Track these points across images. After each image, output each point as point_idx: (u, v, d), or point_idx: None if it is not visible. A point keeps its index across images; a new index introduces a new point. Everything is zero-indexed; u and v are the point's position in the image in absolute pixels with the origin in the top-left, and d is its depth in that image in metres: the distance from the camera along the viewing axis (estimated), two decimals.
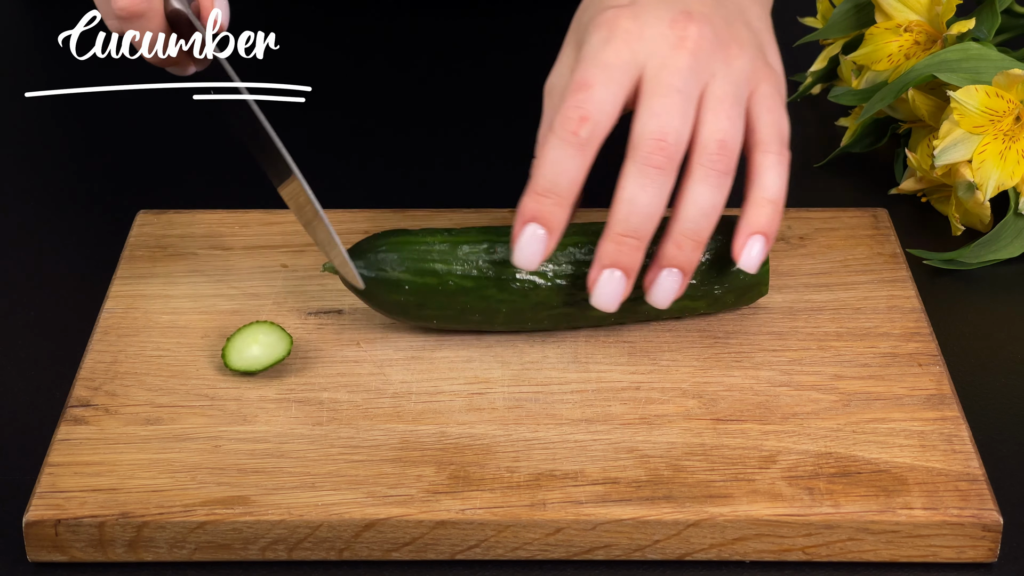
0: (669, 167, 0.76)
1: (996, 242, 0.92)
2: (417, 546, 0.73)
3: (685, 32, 0.78)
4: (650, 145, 0.76)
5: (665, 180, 0.76)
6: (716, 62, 0.78)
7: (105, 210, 0.97)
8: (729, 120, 0.77)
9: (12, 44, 1.17)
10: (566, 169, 0.76)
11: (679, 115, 0.76)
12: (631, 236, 0.76)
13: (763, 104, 0.79)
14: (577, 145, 0.76)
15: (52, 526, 0.72)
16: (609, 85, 0.76)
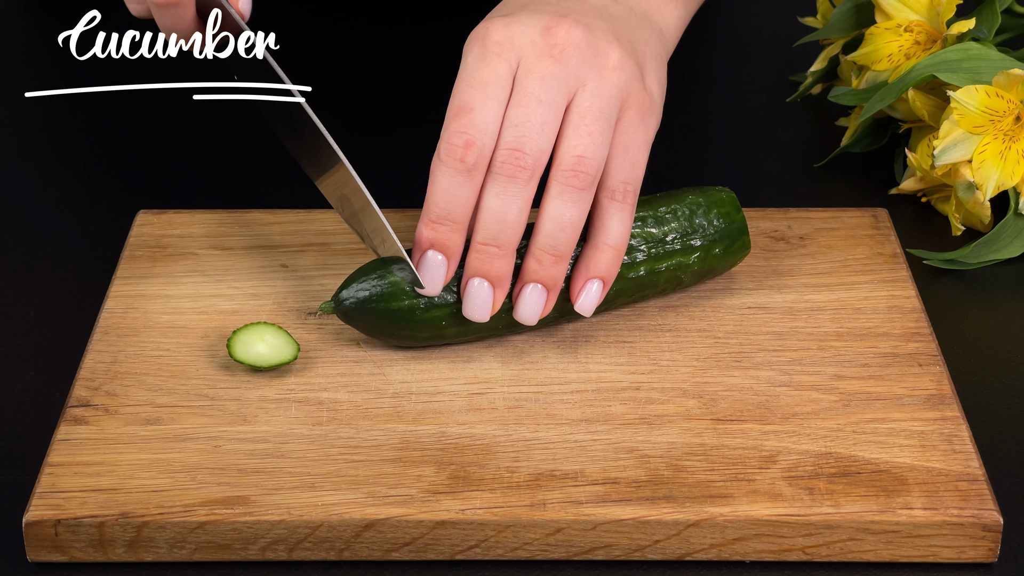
0: (524, 177, 0.76)
1: (996, 242, 0.92)
2: (417, 546, 0.73)
3: (555, 38, 0.78)
4: (506, 155, 0.77)
5: (520, 190, 0.77)
6: (588, 70, 0.78)
7: (105, 210, 0.97)
8: (590, 136, 0.77)
9: (12, 44, 1.17)
10: (457, 196, 0.77)
11: (537, 126, 0.77)
12: (492, 245, 0.77)
13: (622, 140, 0.79)
14: (465, 172, 0.77)
15: (52, 526, 0.72)
16: (488, 104, 0.77)
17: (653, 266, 0.82)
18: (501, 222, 0.77)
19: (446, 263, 0.78)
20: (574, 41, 0.78)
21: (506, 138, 0.77)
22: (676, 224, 0.83)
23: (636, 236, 0.82)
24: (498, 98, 0.78)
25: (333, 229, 0.91)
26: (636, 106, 0.80)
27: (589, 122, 0.78)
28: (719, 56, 1.16)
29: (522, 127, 0.77)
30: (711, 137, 1.06)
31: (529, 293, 0.79)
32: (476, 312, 0.79)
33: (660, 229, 0.83)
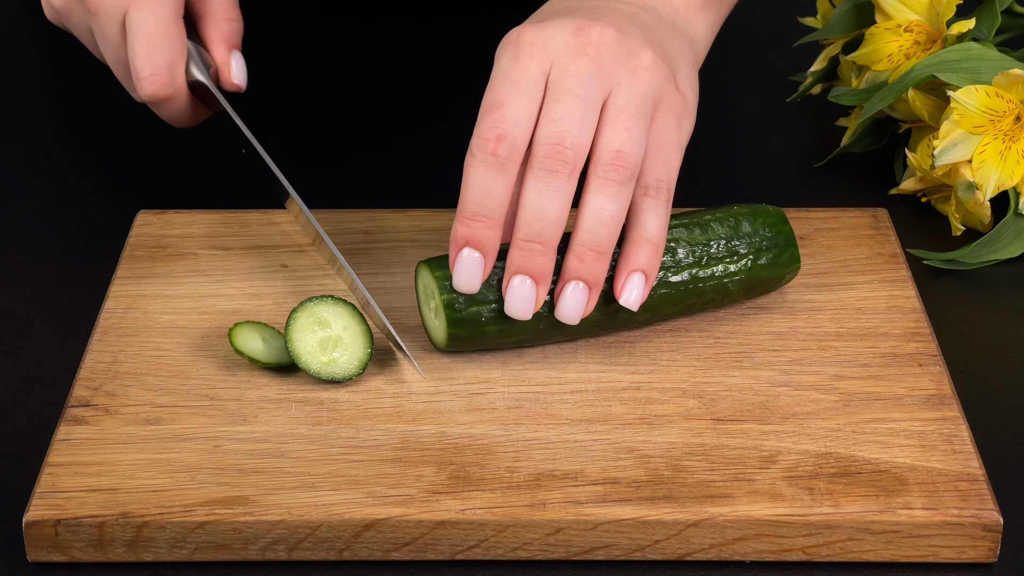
0: (566, 171, 0.76)
1: (996, 242, 0.92)
2: (417, 546, 0.73)
3: (588, 38, 0.78)
4: (547, 150, 0.76)
5: (563, 184, 0.76)
6: (621, 69, 0.78)
7: (105, 210, 0.97)
8: (627, 132, 0.77)
9: (12, 44, 1.17)
10: (491, 190, 0.77)
11: (577, 120, 0.77)
12: (534, 241, 0.77)
13: (656, 139, 0.79)
14: (497, 166, 0.77)
15: (52, 526, 0.72)
16: (519, 100, 0.77)
17: (698, 271, 0.82)
18: (544, 218, 0.76)
19: (483, 261, 0.78)
20: (607, 41, 0.78)
21: (545, 133, 0.77)
22: (722, 230, 0.83)
23: (681, 241, 0.82)
24: (530, 95, 0.77)
25: (333, 229, 0.91)
26: (669, 107, 0.80)
27: (626, 118, 0.78)
28: (719, 56, 1.16)
29: (561, 121, 0.77)
30: (711, 137, 1.06)
31: (571, 291, 0.78)
32: (519, 309, 0.78)
33: (705, 235, 0.82)
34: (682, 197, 0.98)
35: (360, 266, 0.88)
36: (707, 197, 0.98)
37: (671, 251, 0.81)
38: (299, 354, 0.79)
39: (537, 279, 0.78)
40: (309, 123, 1.06)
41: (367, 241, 0.90)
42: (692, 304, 0.82)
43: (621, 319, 0.81)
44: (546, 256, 0.77)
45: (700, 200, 0.97)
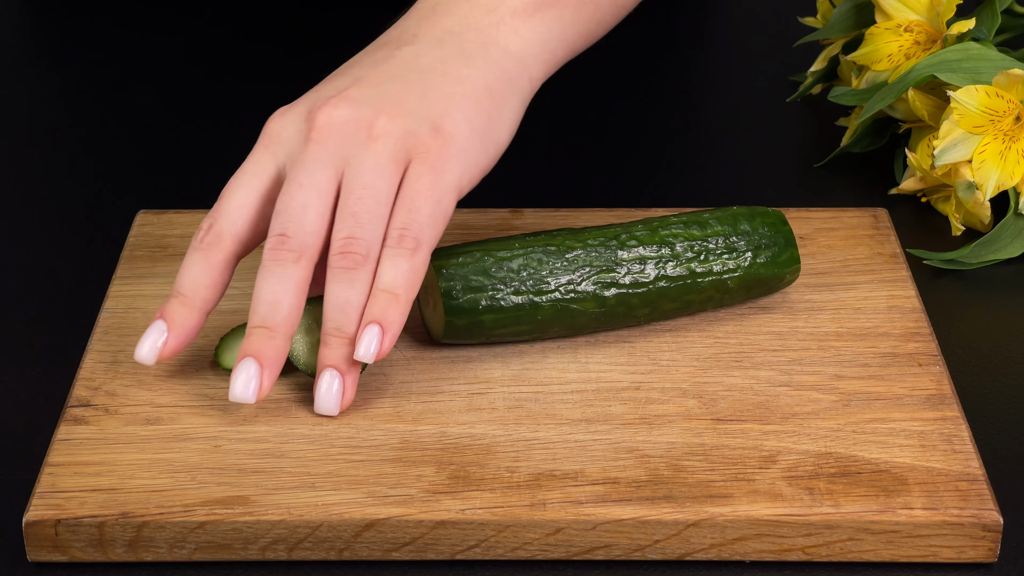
0: (291, 259, 0.77)
1: (996, 242, 0.92)
2: (417, 546, 0.73)
3: (313, 122, 0.79)
4: (272, 242, 0.77)
5: (291, 272, 0.77)
6: (350, 147, 0.78)
7: (105, 210, 0.97)
8: (354, 216, 0.77)
9: (12, 44, 1.17)
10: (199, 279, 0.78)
11: (298, 209, 0.77)
12: (264, 327, 0.76)
13: (404, 191, 0.78)
14: (203, 250, 0.78)
15: (52, 526, 0.72)
16: (238, 192, 0.79)
17: (696, 267, 0.82)
18: (272, 304, 0.76)
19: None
20: (332, 121, 0.79)
21: (273, 225, 0.77)
22: (720, 228, 0.83)
23: (679, 236, 0.82)
24: (250, 185, 0.79)
25: None
26: (421, 156, 0.79)
27: (352, 202, 0.78)
28: (719, 56, 1.16)
29: (285, 213, 0.77)
30: (711, 137, 1.06)
31: (326, 378, 0.77)
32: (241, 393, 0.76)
33: (703, 231, 0.82)
34: (682, 197, 0.98)
35: None
36: (707, 197, 0.98)
37: (670, 245, 0.82)
38: (299, 356, 0.79)
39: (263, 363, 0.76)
40: None
41: None
42: (691, 301, 0.83)
43: (620, 315, 0.81)
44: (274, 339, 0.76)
45: (700, 200, 0.97)
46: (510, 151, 1.05)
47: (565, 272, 0.80)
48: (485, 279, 0.80)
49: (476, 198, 0.97)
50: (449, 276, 0.79)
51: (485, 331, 0.80)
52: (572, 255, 0.81)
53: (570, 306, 0.80)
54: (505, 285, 0.80)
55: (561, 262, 0.80)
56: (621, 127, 1.07)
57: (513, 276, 0.80)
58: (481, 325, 0.80)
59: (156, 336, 0.77)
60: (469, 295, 0.79)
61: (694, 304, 0.83)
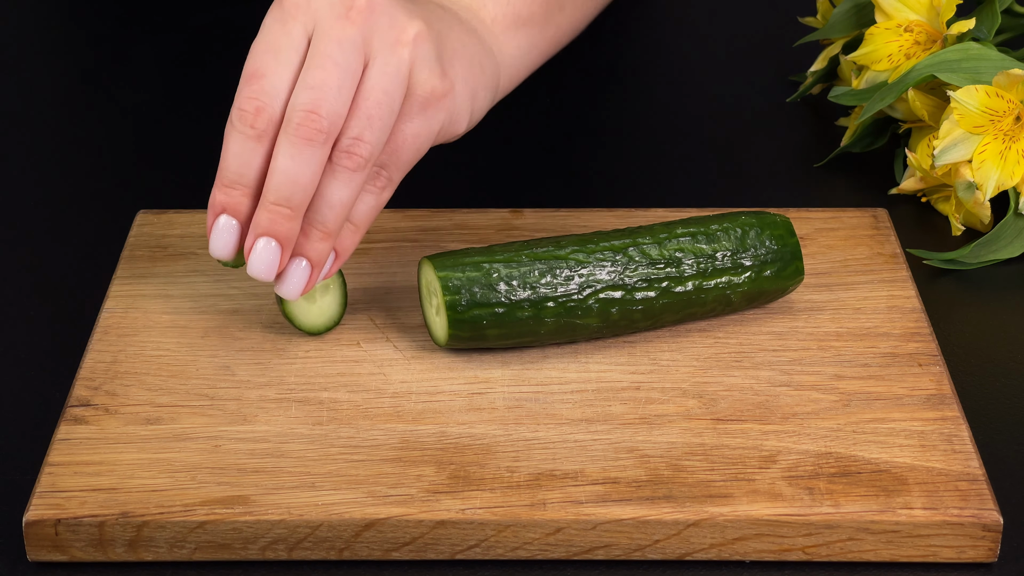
0: (320, 140, 0.75)
1: (996, 242, 0.92)
2: (417, 546, 0.73)
3: (353, 2, 0.77)
4: (301, 117, 0.75)
5: (315, 152, 0.75)
6: (379, 41, 0.77)
7: (105, 210, 0.97)
8: (368, 120, 0.76)
9: (13, 44, 1.17)
10: (249, 161, 0.77)
11: (334, 90, 0.76)
12: (282, 205, 0.76)
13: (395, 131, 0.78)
14: (255, 137, 0.76)
15: (52, 526, 0.72)
16: (279, 70, 0.76)
17: (701, 282, 0.82)
18: (294, 184, 0.76)
19: (238, 227, 0.78)
20: (372, 6, 0.77)
21: (302, 100, 0.76)
22: (727, 243, 0.82)
23: (685, 251, 0.82)
24: (290, 63, 0.77)
25: None
26: (420, 93, 0.79)
27: (371, 104, 0.77)
28: (719, 56, 1.16)
29: (318, 90, 0.76)
30: (712, 137, 1.06)
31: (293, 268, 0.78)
32: (262, 271, 0.77)
33: (711, 246, 0.82)
34: (683, 198, 0.98)
35: (360, 266, 0.88)
36: (707, 197, 0.98)
37: (676, 263, 0.81)
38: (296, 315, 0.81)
39: (283, 243, 0.77)
40: None
41: (367, 241, 0.90)
42: (693, 312, 0.82)
43: (621, 326, 0.81)
44: (293, 221, 0.76)
45: (700, 200, 0.97)
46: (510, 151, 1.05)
47: (571, 289, 0.80)
48: (490, 293, 0.79)
49: (476, 198, 0.97)
50: (454, 289, 0.79)
51: (488, 341, 0.80)
52: (579, 270, 0.80)
53: (574, 321, 0.80)
54: (510, 300, 0.79)
55: (567, 277, 0.80)
56: (621, 127, 1.07)
57: (519, 290, 0.80)
58: (484, 338, 0.80)
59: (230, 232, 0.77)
60: (474, 310, 0.79)
61: (696, 315, 0.83)
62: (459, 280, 0.79)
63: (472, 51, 0.83)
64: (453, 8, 0.85)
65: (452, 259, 0.80)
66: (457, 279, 0.79)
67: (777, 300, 0.85)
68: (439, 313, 0.80)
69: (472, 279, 0.79)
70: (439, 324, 0.80)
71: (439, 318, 0.80)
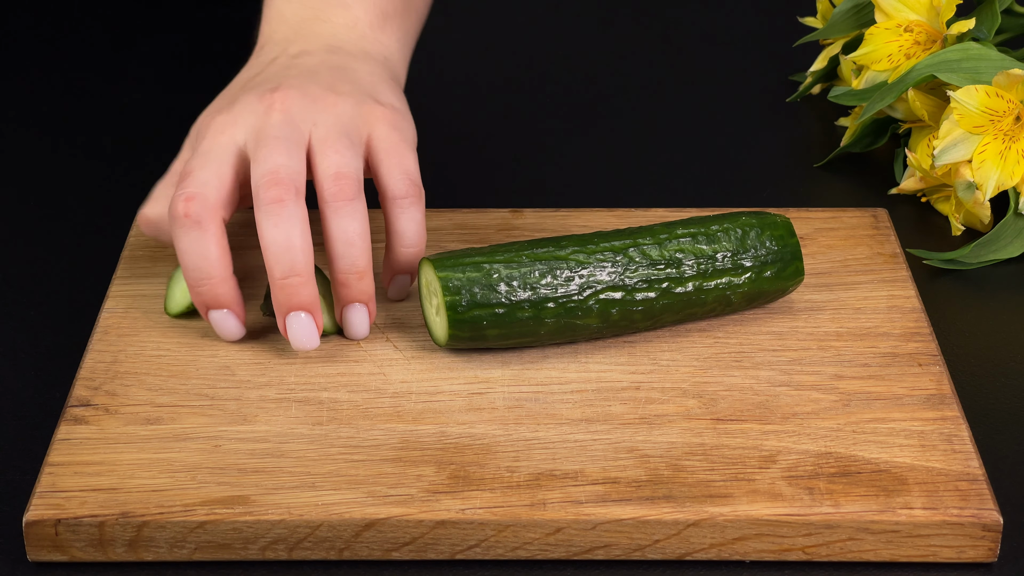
0: (289, 197, 0.77)
1: (996, 242, 0.92)
2: (417, 546, 0.73)
3: (272, 100, 0.81)
4: (263, 184, 0.77)
5: (292, 210, 0.77)
6: (314, 112, 0.81)
7: (105, 210, 0.97)
8: (338, 154, 0.79)
9: (13, 43, 1.17)
10: (204, 252, 0.78)
11: (284, 153, 0.78)
12: (292, 275, 0.78)
13: (381, 148, 0.81)
14: (194, 225, 0.78)
15: (52, 526, 0.72)
16: (209, 165, 0.79)
17: (701, 283, 0.82)
18: (291, 249, 0.77)
19: (230, 313, 0.80)
20: (291, 96, 0.81)
21: (260, 173, 0.78)
22: (728, 243, 0.82)
23: (686, 251, 0.82)
24: (219, 159, 0.79)
25: None
26: (380, 119, 0.82)
27: (332, 143, 0.80)
28: (719, 56, 1.16)
29: (268, 160, 0.78)
30: (712, 137, 1.06)
31: (352, 314, 0.81)
32: (306, 342, 0.79)
33: (711, 247, 0.82)
34: (683, 198, 0.98)
35: None
36: (708, 197, 0.98)
37: (676, 264, 0.81)
38: None
39: (310, 309, 0.79)
40: None
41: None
42: (693, 313, 0.82)
43: (621, 326, 0.81)
44: (308, 285, 0.78)
45: (701, 200, 0.97)
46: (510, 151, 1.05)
47: (571, 290, 0.80)
48: (491, 293, 0.79)
49: (476, 198, 0.97)
50: (455, 289, 0.79)
51: (488, 341, 0.80)
52: (579, 271, 0.80)
53: (574, 322, 0.80)
54: (511, 300, 0.79)
55: (567, 278, 0.80)
56: (621, 127, 1.07)
57: (519, 291, 0.80)
58: (484, 338, 0.80)
59: (227, 321, 0.80)
60: (474, 310, 0.79)
61: (696, 315, 0.83)
62: (459, 280, 0.79)
63: (379, 72, 0.87)
64: (342, 46, 0.88)
65: (452, 259, 0.80)
66: (457, 279, 0.79)
67: (777, 300, 0.85)
68: (439, 313, 0.80)
69: (472, 279, 0.79)
70: (439, 324, 0.80)
71: (439, 318, 0.80)
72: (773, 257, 0.83)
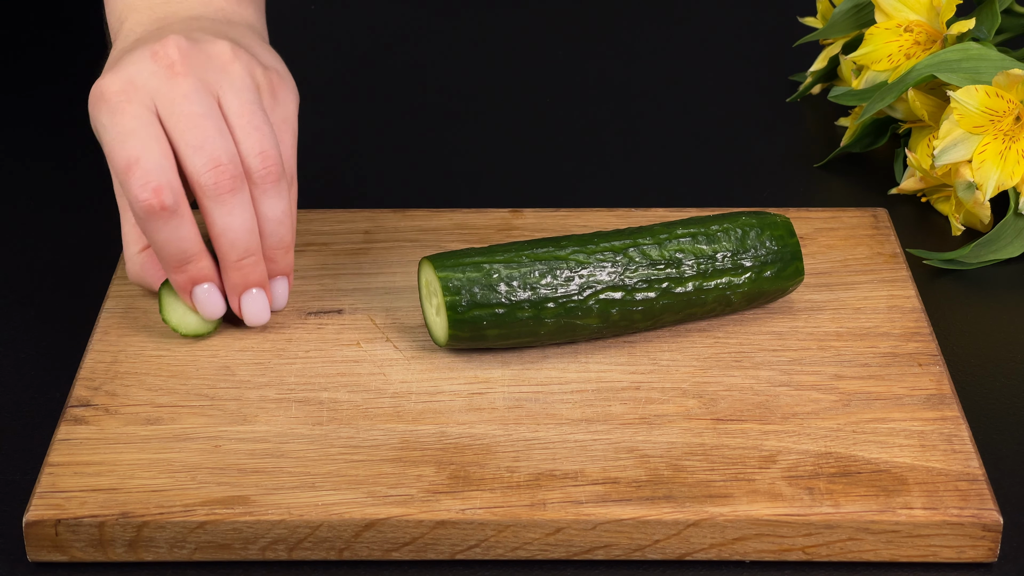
0: (238, 185, 0.78)
1: (996, 242, 0.92)
2: (417, 546, 0.73)
3: (169, 58, 0.79)
4: (212, 177, 0.77)
5: (242, 197, 0.78)
6: (214, 73, 0.79)
7: (106, 210, 0.97)
8: (258, 131, 0.79)
9: (13, 43, 1.17)
10: (180, 237, 0.78)
11: (217, 137, 0.78)
12: (246, 256, 0.79)
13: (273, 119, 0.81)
14: (171, 215, 0.77)
15: (52, 526, 0.72)
16: (149, 146, 0.77)
17: (701, 283, 0.81)
18: (242, 233, 0.78)
19: (214, 287, 0.80)
20: (185, 52, 0.79)
21: (199, 162, 0.77)
22: (728, 243, 0.82)
23: (686, 251, 0.81)
24: (154, 137, 0.78)
25: (333, 229, 0.91)
26: (267, 87, 0.81)
27: (248, 118, 0.79)
28: (719, 56, 1.16)
29: (207, 145, 0.78)
30: (712, 137, 1.06)
31: (276, 286, 0.82)
32: (260, 316, 0.81)
33: (711, 247, 0.82)
34: (683, 198, 0.98)
35: (360, 266, 0.88)
36: (708, 197, 0.98)
37: (676, 264, 0.81)
38: None
39: (262, 285, 0.81)
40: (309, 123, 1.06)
41: (367, 241, 0.90)
42: (693, 313, 0.82)
43: (621, 326, 0.81)
44: (260, 263, 0.80)
45: (700, 200, 0.97)
46: (510, 151, 1.05)
47: (571, 290, 0.80)
48: (491, 293, 0.79)
49: (476, 198, 0.97)
50: (455, 289, 0.79)
51: (488, 341, 0.80)
52: (579, 271, 0.80)
53: (574, 322, 0.80)
54: (511, 300, 0.79)
55: (567, 278, 0.80)
56: (621, 126, 1.07)
57: (519, 291, 0.80)
58: (484, 338, 0.80)
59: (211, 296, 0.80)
60: (474, 310, 0.79)
61: (696, 315, 0.83)
62: (459, 280, 0.79)
63: (249, 34, 0.85)
64: (204, 15, 0.86)
65: (452, 259, 0.80)
66: (457, 279, 0.79)
67: (777, 300, 0.85)
68: (439, 313, 0.80)
69: (472, 279, 0.79)
70: (439, 324, 0.80)
71: (439, 318, 0.80)
72: (773, 257, 0.83)
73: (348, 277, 0.87)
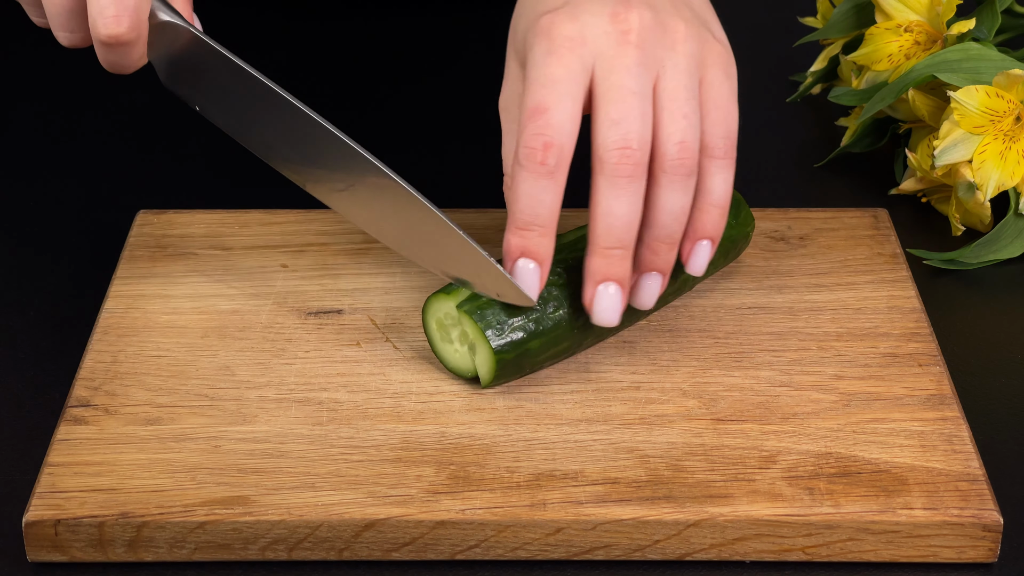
0: (638, 173, 0.75)
1: (996, 242, 0.92)
2: (417, 546, 0.73)
3: (627, 24, 0.76)
4: (616, 156, 0.75)
5: (637, 186, 0.75)
6: (662, 50, 0.76)
7: (105, 210, 0.97)
8: (686, 119, 0.76)
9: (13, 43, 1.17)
10: (542, 200, 0.75)
11: (638, 119, 0.75)
12: (617, 247, 0.75)
13: (711, 97, 0.77)
14: (547, 174, 0.75)
15: (52, 526, 0.72)
16: (564, 102, 0.75)
17: None
18: (625, 224, 0.75)
19: (539, 270, 0.77)
20: (645, 24, 0.76)
21: (611, 137, 0.75)
22: None
23: None
24: (572, 95, 0.75)
25: (333, 229, 0.91)
26: (713, 63, 0.78)
27: (681, 103, 0.76)
28: None
29: (624, 123, 0.75)
30: None
31: (647, 282, 0.78)
32: (608, 316, 0.77)
33: None
34: None
35: (360, 266, 0.88)
36: None
37: None
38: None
39: (622, 283, 0.77)
40: None
41: (367, 241, 0.90)
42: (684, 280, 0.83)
43: (638, 314, 0.81)
44: (628, 260, 0.76)
45: None
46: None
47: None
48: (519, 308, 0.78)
49: (477, 198, 0.97)
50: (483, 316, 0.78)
51: (531, 358, 0.79)
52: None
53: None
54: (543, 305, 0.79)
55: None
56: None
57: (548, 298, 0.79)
58: (527, 353, 0.78)
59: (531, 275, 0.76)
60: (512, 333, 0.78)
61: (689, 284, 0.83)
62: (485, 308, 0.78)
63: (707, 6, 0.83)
64: None
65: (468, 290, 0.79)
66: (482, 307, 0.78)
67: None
68: (475, 348, 0.78)
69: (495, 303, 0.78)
70: (480, 358, 0.79)
71: (478, 353, 0.78)
72: None
73: (348, 277, 0.87)
